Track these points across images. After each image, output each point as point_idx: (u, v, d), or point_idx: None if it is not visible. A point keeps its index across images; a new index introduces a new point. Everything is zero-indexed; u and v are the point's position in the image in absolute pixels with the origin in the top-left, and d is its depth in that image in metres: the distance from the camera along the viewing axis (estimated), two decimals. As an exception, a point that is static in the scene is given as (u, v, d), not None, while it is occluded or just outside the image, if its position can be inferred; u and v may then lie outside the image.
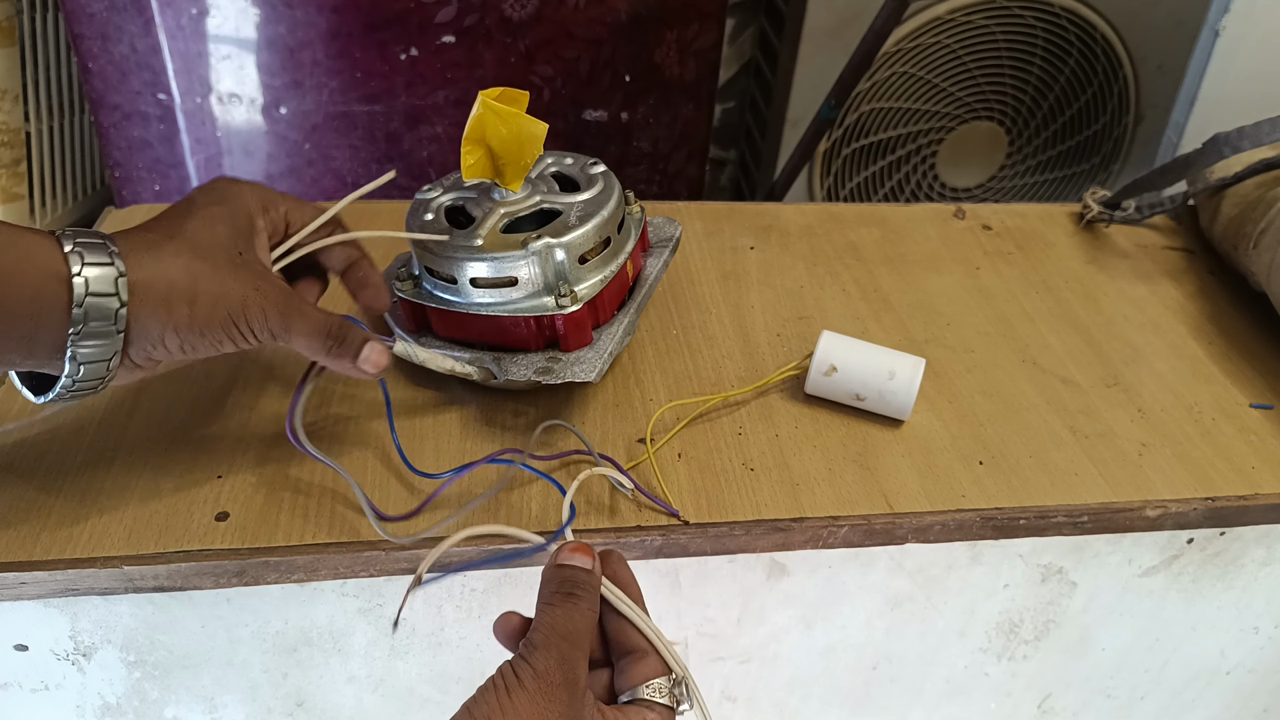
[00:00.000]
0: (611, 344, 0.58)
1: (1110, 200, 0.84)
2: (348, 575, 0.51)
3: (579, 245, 0.56)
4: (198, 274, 0.45)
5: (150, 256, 0.44)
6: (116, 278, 0.42)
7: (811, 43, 1.28)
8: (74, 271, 0.42)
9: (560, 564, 0.43)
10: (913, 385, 0.59)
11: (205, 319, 0.45)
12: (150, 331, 0.44)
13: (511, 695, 0.38)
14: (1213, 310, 0.75)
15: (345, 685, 0.58)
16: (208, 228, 0.47)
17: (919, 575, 0.60)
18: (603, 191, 0.59)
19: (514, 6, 1.11)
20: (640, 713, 0.42)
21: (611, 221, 0.58)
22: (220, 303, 0.45)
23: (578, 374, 0.55)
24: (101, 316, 0.42)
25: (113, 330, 0.43)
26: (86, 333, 0.42)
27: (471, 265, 0.56)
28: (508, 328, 0.57)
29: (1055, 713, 0.72)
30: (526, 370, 0.56)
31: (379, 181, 0.55)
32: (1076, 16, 1.32)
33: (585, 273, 0.57)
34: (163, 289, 0.44)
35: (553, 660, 0.39)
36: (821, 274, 0.75)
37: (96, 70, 1.13)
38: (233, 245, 0.47)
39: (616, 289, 0.60)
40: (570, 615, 0.41)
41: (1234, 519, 0.60)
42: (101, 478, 0.53)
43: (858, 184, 1.42)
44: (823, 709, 0.68)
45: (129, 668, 0.55)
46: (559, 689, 0.39)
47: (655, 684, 0.42)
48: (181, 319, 0.44)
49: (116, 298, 0.42)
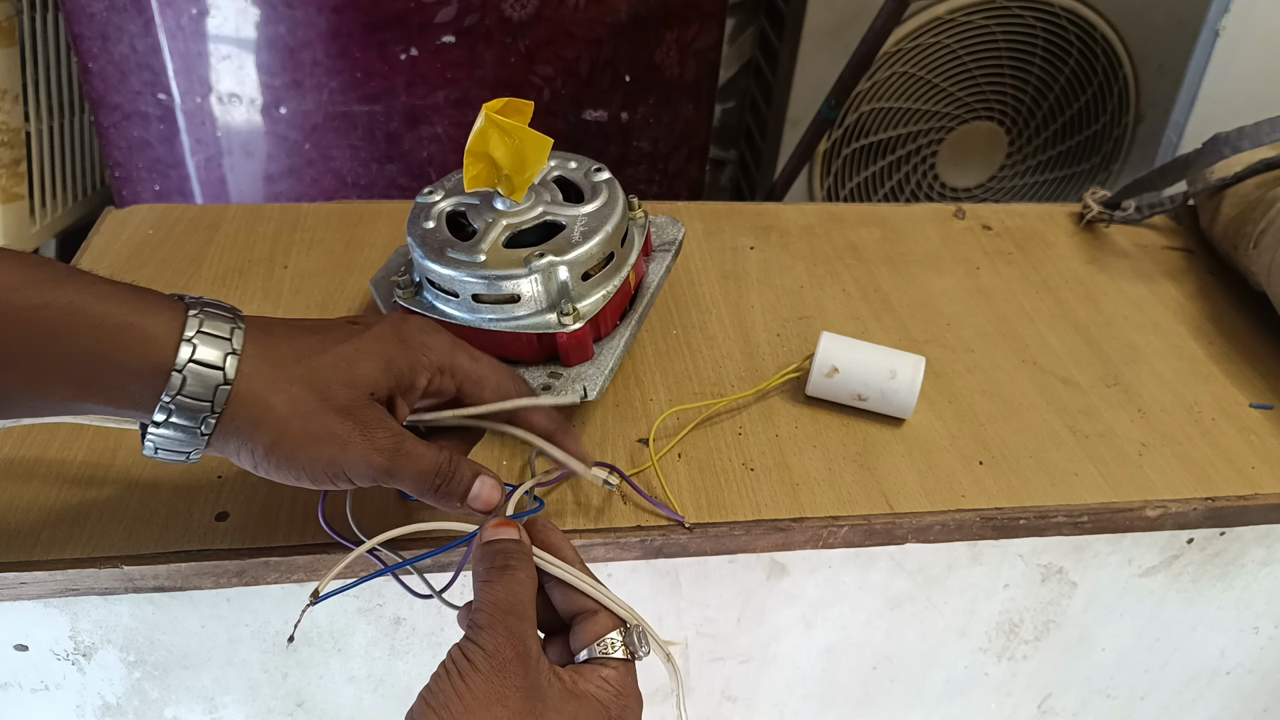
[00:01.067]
0: (612, 359, 0.58)
1: (1110, 200, 0.84)
2: (348, 575, 0.51)
3: (582, 263, 0.56)
4: (303, 413, 0.41)
5: (267, 371, 0.41)
6: (220, 383, 0.40)
7: (811, 43, 1.28)
8: (178, 364, 0.39)
9: (487, 540, 0.43)
10: (914, 383, 0.59)
11: (285, 456, 0.41)
12: (229, 444, 0.41)
13: (466, 679, 0.38)
14: (1213, 310, 0.75)
15: (345, 685, 0.58)
16: (351, 366, 0.43)
17: (919, 575, 0.60)
18: (606, 204, 0.59)
19: (514, 6, 1.11)
20: (595, 670, 0.42)
21: (615, 236, 0.58)
22: (312, 445, 0.41)
23: (578, 392, 0.55)
24: (185, 413, 0.40)
25: (194, 434, 0.40)
26: (167, 424, 0.40)
27: (474, 282, 0.55)
28: (509, 342, 0.57)
29: (1055, 713, 0.72)
30: None
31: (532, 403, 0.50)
32: (1076, 16, 1.32)
33: (588, 289, 0.57)
34: (256, 411, 0.41)
35: (501, 637, 0.40)
36: (821, 274, 0.75)
37: (96, 70, 1.13)
38: (370, 389, 0.43)
39: (619, 301, 0.60)
40: (509, 588, 0.41)
41: (1234, 519, 0.60)
42: (101, 478, 0.53)
43: (858, 184, 1.42)
44: (823, 709, 0.68)
45: (129, 668, 0.55)
46: (512, 664, 0.39)
47: (608, 639, 0.43)
48: (262, 444, 0.41)
49: (209, 405, 0.40)
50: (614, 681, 0.42)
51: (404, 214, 0.61)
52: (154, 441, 0.41)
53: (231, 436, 0.41)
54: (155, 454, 0.42)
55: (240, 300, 0.67)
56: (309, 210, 0.77)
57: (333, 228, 0.75)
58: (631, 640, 0.43)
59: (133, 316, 0.39)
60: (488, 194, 0.59)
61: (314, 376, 0.42)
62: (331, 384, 0.42)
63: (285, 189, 1.18)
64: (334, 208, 0.78)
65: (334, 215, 0.77)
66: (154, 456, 0.42)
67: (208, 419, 0.40)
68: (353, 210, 0.78)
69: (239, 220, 0.75)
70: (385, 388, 0.44)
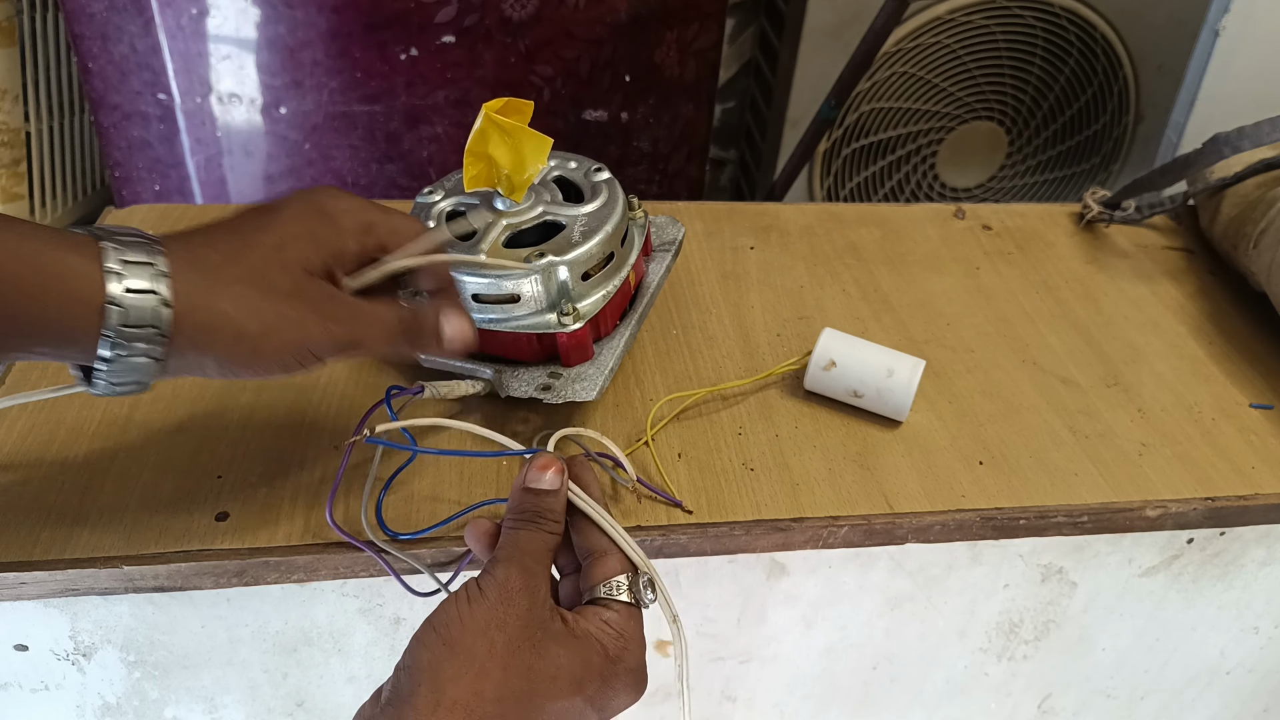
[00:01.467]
0: (612, 359, 0.58)
1: (1110, 200, 0.84)
2: (348, 575, 0.51)
3: (582, 263, 0.56)
4: (253, 309, 0.41)
5: (202, 281, 0.40)
6: (158, 305, 0.39)
7: (811, 43, 1.28)
8: (109, 296, 0.38)
9: (527, 488, 0.45)
10: (911, 384, 0.59)
11: (249, 353, 0.41)
12: (187, 360, 0.41)
13: (472, 604, 0.40)
14: (1213, 310, 0.75)
15: (345, 685, 0.58)
16: (280, 251, 0.43)
17: (919, 575, 0.60)
18: (606, 204, 0.59)
19: (514, 6, 1.11)
20: (598, 612, 0.43)
21: (615, 236, 0.58)
22: (272, 335, 0.41)
23: (578, 392, 0.56)
24: (135, 343, 0.39)
25: (148, 361, 0.40)
26: (117, 358, 0.39)
27: (473, 281, 0.55)
28: (508, 343, 0.57)
29: (1055, 713, 0.72)
30: (528, 387, 0.56)
31: None
32: (1076, 16, 1.32)
33: (588, 289, 0.57)
34: (206, 320, 0.40)
35: (514, 570, 0.41)
36: (821, 274, 0.75)
37: (96, 70, 1.13)
38: (305, 266, 0.43)
39: (619, 301, 0.60)
40: (534, 537, 0.43)
41: (1234, 519, 0.60)
42: (101, 478, 0.53)
43: (858, 184, 1.42)
44: (823, 709, 0.68)
45: (129, 668, 0.55)
46: (518, 594, 0.41)
47: (615, 581, 0.43)
48: (223, 350, 0.41)
49: (156, 329, 0.39)
50: (615, 624, 0.42)
51: (404, 214, 0.61)
52: (105, 377, 0.40)
53: (188, 353, 0.40)
54: (111, 390, 0.41)
55: (240, 300, 0.67)
56: (309, 210, 0.77)
57: (333, 228, 0.75)
58: (638, 587, 0.44)
59: (51, 260, 0.38)
60: (488, 194, 0.59)
61: (249, 273, 0.42)
62: (269, 274, 0.42)
63: (285, 189, 1.18)
64: (334, 208, 0.78)
65: (334, 215, 0.77)
66: (109, 393, 0.41)
67: (157, 344, 0.39)
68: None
69: (239, 220, 0.75)
70: (319, 263, 0.44)
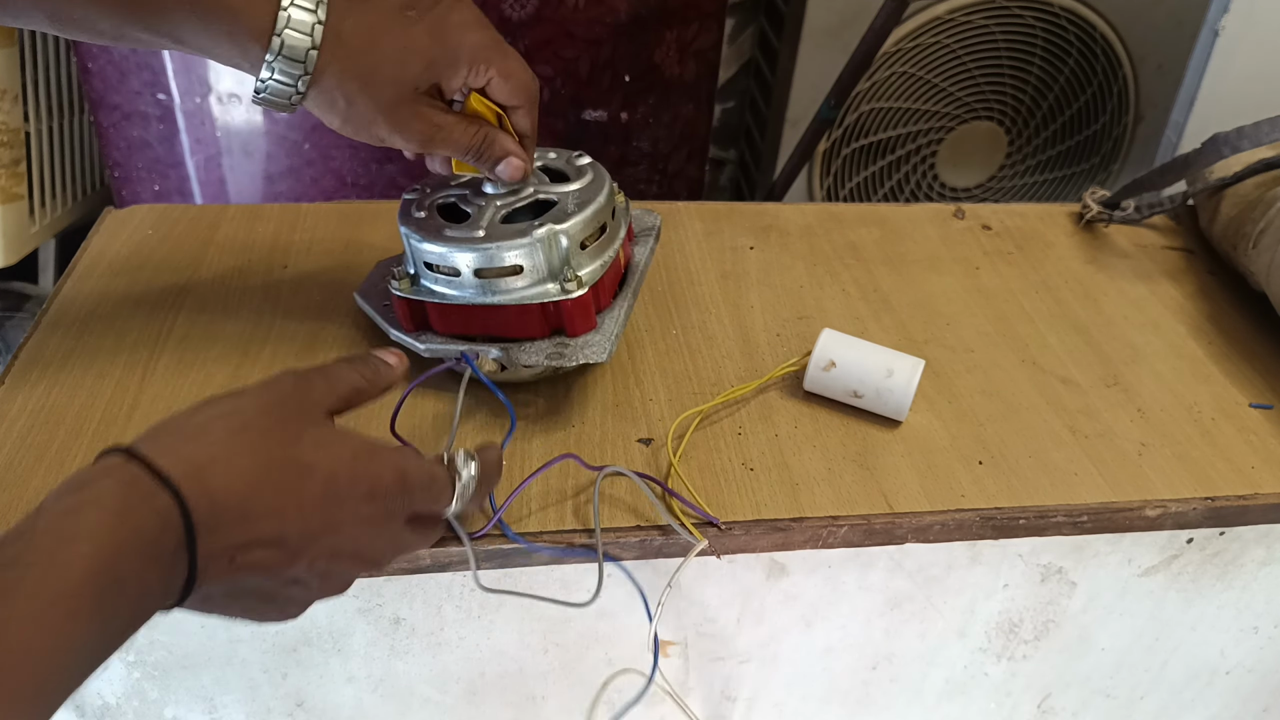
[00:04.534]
0: (615, 327, 0.59)
1: (1110, 200, 0.84)
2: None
3: (580, 231, 0.57)
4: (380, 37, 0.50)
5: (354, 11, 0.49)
6: (315, 24, 0.48)
7: (811, 43, 1.28)
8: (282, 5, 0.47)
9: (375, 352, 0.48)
10: (910, 384, 0.59)
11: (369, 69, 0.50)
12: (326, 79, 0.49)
13: (243, 391, 0.42)
14: (1213, 310, 0.75)
15: (345, 685, 0.58)
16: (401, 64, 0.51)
17: (919, 575, 0.60)
18: (594, 181, 0.61)
19: (514, 6, 1.11)
20: None
21: (607, 207, 0.60)
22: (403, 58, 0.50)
23: (590, 355, 0.56)
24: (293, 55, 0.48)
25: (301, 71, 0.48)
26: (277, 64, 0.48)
27: (475, 255, 0.56)
28: (512, 317, 0.58)
29: (1055, 713, 0.72)
30: (538, 356, 0.57)
31: None
32: (1076, 16, 1.32)
33: (586, 258, 0.58)
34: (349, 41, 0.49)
35: (295, 374, 0.44)
36: (821, 274, 0.75)
37: (96, 70, 1.13)
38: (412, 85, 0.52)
39: (614, 275, 0.61)
40: (340, 367, 0.46)
41: (1234, 519, 0.60)
42: (101, 478, 0.53)
43: (857, 184, 1.42)
44: (822, 709, 0.68)
45: (129, 668, 0.55)
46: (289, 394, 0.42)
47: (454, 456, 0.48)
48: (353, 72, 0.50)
49: (310, 37, 0.48)
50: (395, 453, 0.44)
51: (401, 214, 0.61)
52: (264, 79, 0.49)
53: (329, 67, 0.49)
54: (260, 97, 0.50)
55: (240, 301, 0.67)
56: (308, 210, 0.77)
57: (332, 228, 0.75)
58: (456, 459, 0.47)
59: None
60: (476, 181, 0.60)
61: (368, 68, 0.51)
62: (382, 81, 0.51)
63: (285, 189, 1.18)
64: (333, 208, 0.78)
65: (333, 215, 0.77)
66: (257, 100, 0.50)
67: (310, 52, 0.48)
68: (352, 210, 0.78)
69: (238, 220, 0.75)
70: (428, 82, 0.53)
